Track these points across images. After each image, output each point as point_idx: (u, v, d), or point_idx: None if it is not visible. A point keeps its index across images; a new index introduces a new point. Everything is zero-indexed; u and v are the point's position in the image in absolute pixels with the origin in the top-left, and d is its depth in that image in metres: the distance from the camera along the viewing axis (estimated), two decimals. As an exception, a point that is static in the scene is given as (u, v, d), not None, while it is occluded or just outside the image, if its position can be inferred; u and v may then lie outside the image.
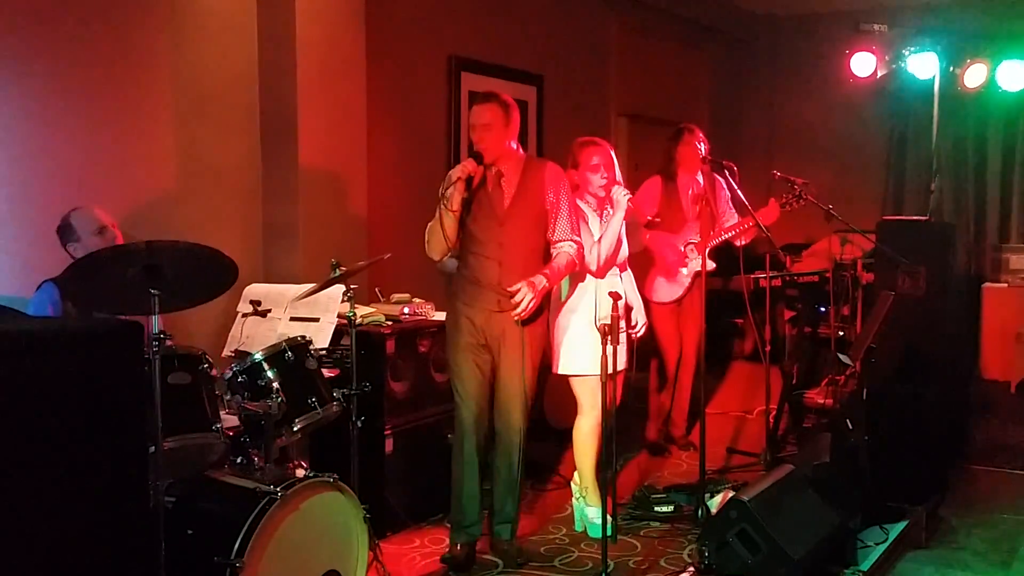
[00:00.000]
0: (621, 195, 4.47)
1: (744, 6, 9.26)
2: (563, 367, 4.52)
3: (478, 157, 4.02)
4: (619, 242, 4.54)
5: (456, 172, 4.02)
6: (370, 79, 5.45)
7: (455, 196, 3.98)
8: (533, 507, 4.93)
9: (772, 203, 5.56)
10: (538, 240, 4.15)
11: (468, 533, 4.22)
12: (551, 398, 5.64)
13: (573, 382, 4.55)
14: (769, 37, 9.70)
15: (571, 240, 4.18)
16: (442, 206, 4.01)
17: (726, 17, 9.25)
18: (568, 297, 4.49)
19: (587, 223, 4.49)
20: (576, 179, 4.53)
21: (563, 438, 4.90)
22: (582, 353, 4.43)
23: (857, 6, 8.42)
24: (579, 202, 4.46)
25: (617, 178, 4.57)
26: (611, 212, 4.52)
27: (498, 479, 4.29)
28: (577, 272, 4.39)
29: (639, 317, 4.74)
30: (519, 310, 3.96)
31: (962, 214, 8.87)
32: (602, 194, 4.54)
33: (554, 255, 4.17)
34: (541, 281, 4.00)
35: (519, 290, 3.95)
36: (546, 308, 4.21)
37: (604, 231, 4.49)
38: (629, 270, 4.77)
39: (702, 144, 5.63)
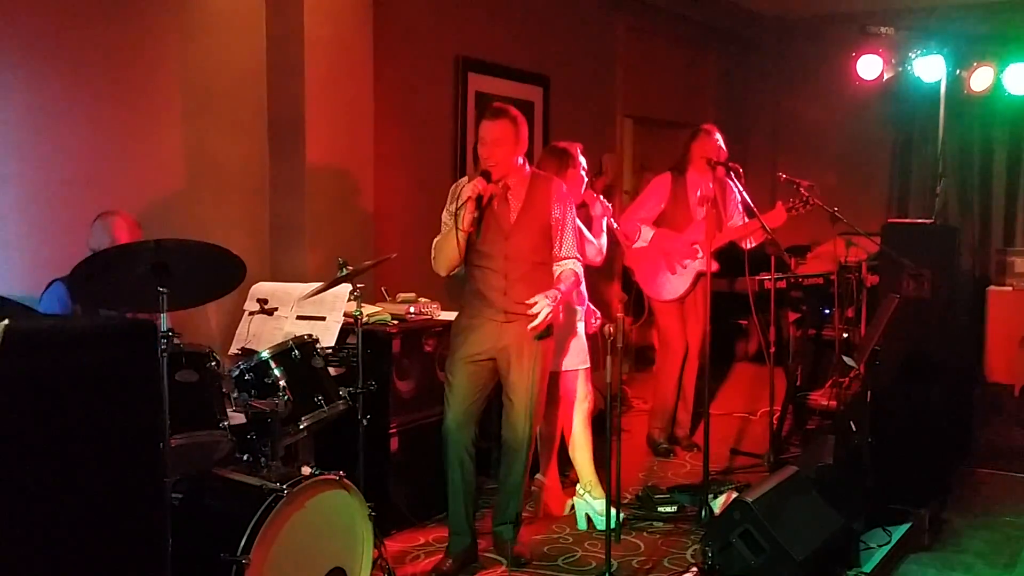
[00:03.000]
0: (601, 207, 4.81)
1: (750, 8, 9.26)
2: (562, 364, 4.63)
3: (487, 175, 3.97)
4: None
5: (467, 191, 3.97)
6: (377, 79, 5.47)
7: (466, 216, 3.95)
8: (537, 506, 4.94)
9: (779, 207, 5.57)
10: (543, 254, 4.13)
11: (457, 540, 4.22)
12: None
13: (567, 377, 4.67)
14: (775, 39, 9.69)
15: (575, 257, 4.18)
16: (453, 224, 3.98)
17: (732, 19, 9.26)
18: None
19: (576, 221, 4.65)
20: (574, 181, 4.68)
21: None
22: (569, 348, 4.63)
23: (863, 9, 8.42)
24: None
25: None
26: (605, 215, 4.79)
27: (502, 482, 4.29)
28: None
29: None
30: (536, 323, 3.92)
31: (967, 217, 8.86)
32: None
33: (558, 272, 4.14)
34: (556, 296, 3.99)
35: (536, 303, 3.92)
36: (556, 322, 4.19)
37: (599, 233, 4.74)
38: None
39: (719, 145, 5.62)
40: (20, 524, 2.32)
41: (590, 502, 4.72)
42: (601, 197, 4.82)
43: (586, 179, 4.77)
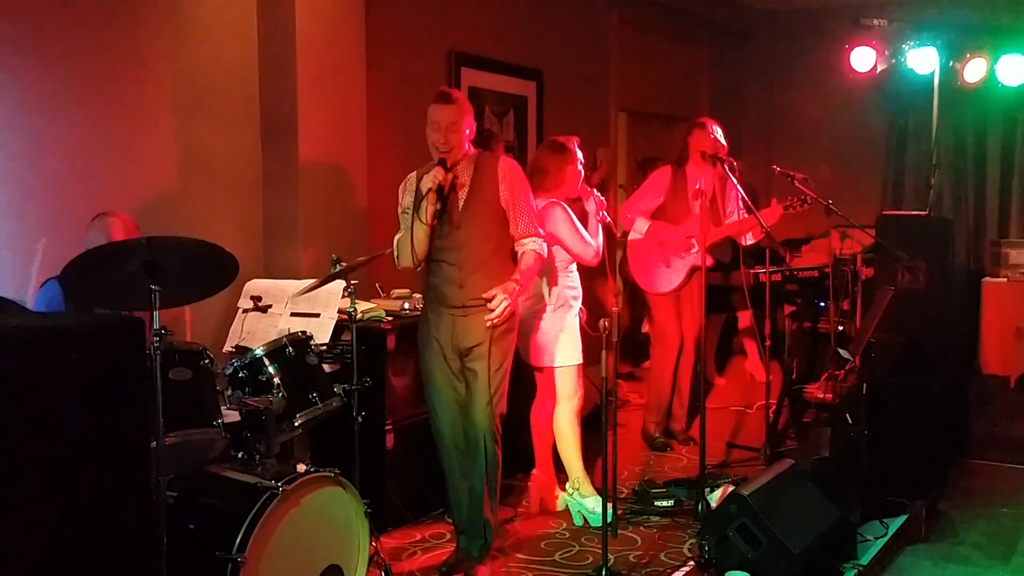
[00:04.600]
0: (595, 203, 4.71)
1: (743, 1, 9.25)
2: (547, 359, 4.62)
3: (444, 163, 3.87)
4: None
5: (427, 183, 3.85)
6: (370, 74, 5.45)
7: (429, 209, 3.84)
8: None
9: (774, 205, 5.56)
10: (499, 239, 3.97)
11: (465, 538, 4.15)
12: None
13: (555, 372, 4.65)
14: (769, 32, 9.69)
15: (535, 236, 3.99)
16: (416, 218, 3.88)
17: (726, 12, 9.25)
18: (550, 292, 4.61)
19: (574, 220, 4.64)
20: (572, 176, 4.67)
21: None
22: (563, 344, 4.60)
23: (856, 1, 8.41)
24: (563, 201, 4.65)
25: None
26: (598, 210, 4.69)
27: (470, 490, 4.08)
28: (549, 268, 4.49)
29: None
30: (493, 315, 3.80)
31: (962, 209, 8.87)
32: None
33: (520, 253, 3.98)
34: (515, 287, 3.85)
35: (495, 296, 3.80)
36: (517, 312, 4.05)
37: (594, 230, 4.65)
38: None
39: (716, 138, 5.59)
40: (12, 524, 2.30)
41: (579, 500, 4.72)
42: (596, 192, 4.81)
43: (583, 174, 4.75)
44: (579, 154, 4.72)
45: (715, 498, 4.64)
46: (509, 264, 3.98)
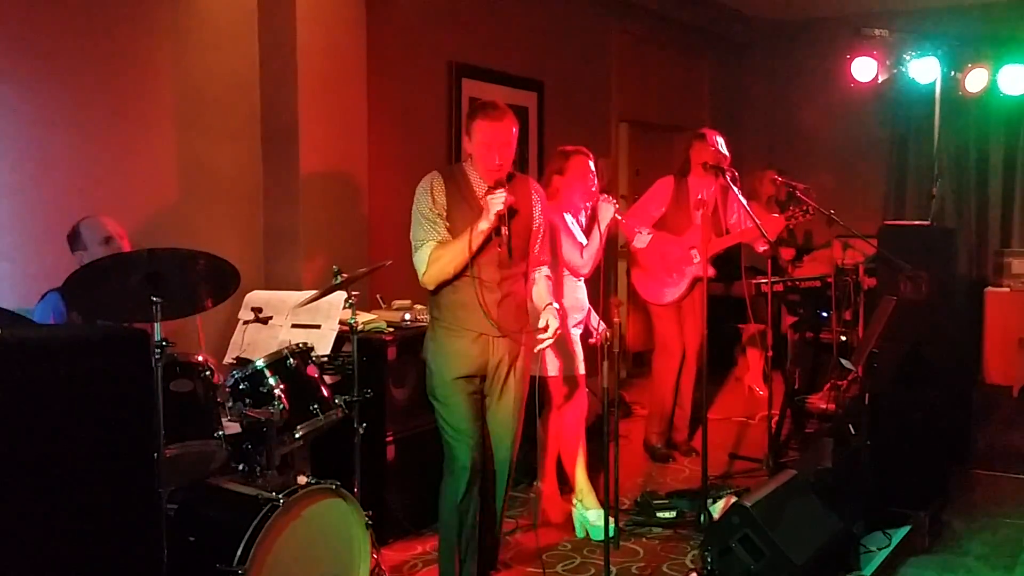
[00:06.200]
0: (610, 208, 4.60)
1: (744, 11, 9.27)
2: (550, 368, 4.61)
3: (502, 183, 3.64)
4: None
5: (496, 205, 3.56)
6: (371, 85, 5.46)
7: (489, 230, 3.62)
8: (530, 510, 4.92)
9: (776, 216, 5.57)
10: (527, 261, 3.87)
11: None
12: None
13: (554, 382, 4.65)
14: (769, 42, 9.70)
15: (547, 263, 3.97)
16: (470, 235, 3.62)
17: (726, 23, 9.27)
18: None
19: (570, 230, 4.63)
20: (560, 186, 4.67)
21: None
22: (563, 353, 4.60)
23: (858, 11, 8.43)
24: (565, 214, 4.63)
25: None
26: (597, 219, 4.64)
27: (481, 517, 3.88)
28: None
29: (595, 320, 4.85)
30: (548, 343, 3.71)
31: (964, 218, 8.87)
32: (588, 202, 4.70)
33: (535, 279, 3.89)
34: (556, 309, 3.77)
35: (547, 325, 3.68)
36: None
37: (592, 239, 4.63)
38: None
39: (717, 149, 5.57)
40: (14, 535, 2.30)
41: (583, 512, 4.70)
42: (607, 196, 4.68)
43: (591, 185, 4.67)
44: (591, 165, 4.69)
45: (717, 509, 4.63)
46: (525, 286, 3.88)
